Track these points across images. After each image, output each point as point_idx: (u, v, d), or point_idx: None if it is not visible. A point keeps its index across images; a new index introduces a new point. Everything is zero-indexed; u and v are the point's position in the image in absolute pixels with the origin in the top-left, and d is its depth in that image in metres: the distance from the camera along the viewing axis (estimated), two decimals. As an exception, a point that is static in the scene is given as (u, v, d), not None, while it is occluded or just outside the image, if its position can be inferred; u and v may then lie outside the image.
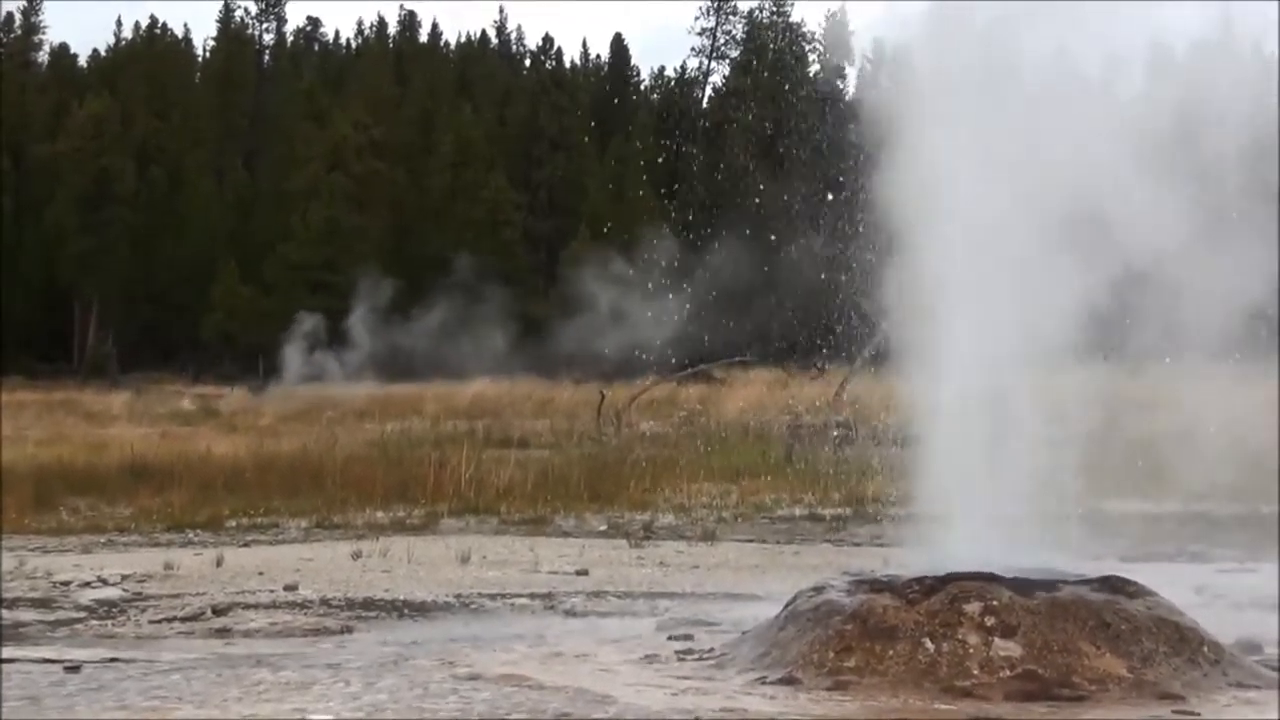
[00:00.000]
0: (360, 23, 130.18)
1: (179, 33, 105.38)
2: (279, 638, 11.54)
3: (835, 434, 28.45)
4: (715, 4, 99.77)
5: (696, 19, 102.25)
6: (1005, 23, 11.01)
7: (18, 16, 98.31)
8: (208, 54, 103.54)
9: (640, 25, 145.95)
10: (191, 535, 18.62)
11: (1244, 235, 11.25)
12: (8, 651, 10.57)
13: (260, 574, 14.94)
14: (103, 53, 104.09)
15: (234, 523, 19.65)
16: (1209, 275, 10.99)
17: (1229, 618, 11.03)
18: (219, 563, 15.59)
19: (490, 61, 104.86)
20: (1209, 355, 12.02)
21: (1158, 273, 10.79)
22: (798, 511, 20.69)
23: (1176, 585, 11.35)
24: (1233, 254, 11.16)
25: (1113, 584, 9.68)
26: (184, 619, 12.23)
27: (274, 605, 12.95)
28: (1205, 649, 9.45)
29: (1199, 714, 8.71)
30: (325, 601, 13.22)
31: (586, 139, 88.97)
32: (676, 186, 68.27)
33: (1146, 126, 10.58)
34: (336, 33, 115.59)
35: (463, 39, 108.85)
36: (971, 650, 9.12)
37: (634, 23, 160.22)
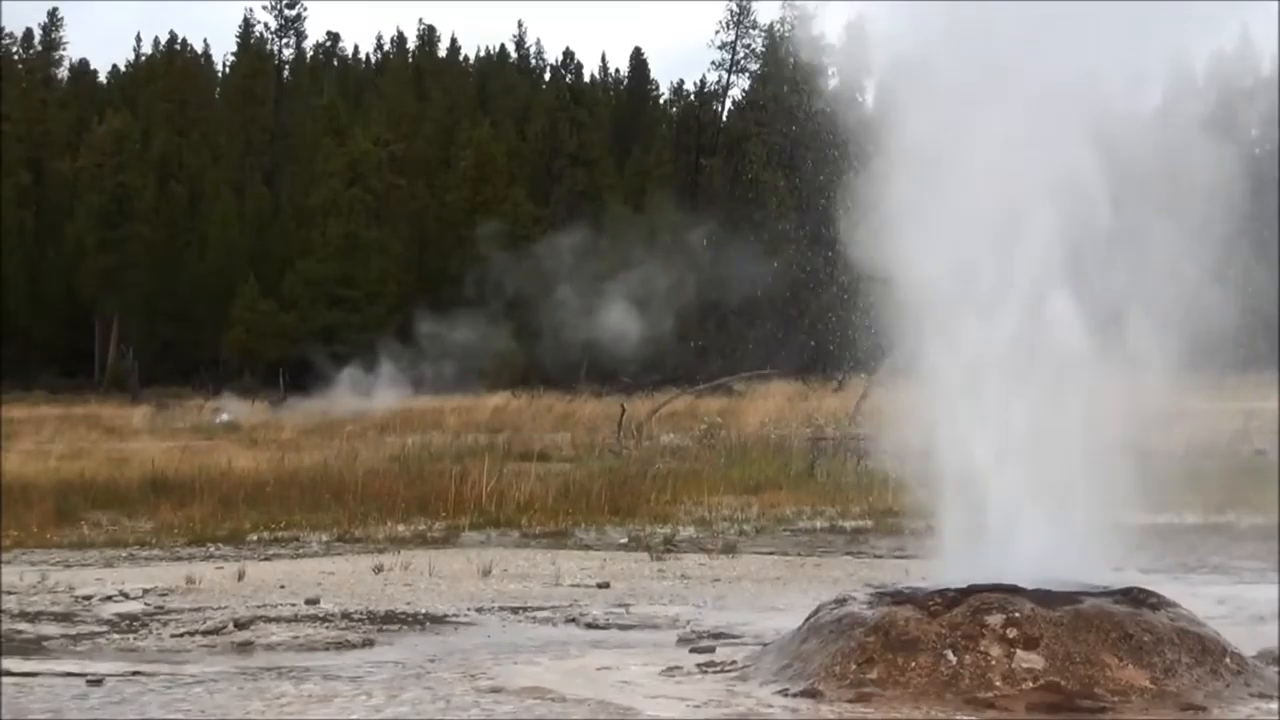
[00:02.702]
0: (380, 38, 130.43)
1: (199, 49, 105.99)
2: (301, 651, 11.55)
3: (856, 446, 28.49)
4: (735, 17, 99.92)
5: (716, 33, 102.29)
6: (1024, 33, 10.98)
7: (38, 32, 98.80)
8: (227, 70, 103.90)
9: (659, 39, 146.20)
10: (213, 549, 18.64)
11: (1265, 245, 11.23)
12: (31, 665, 10.61)
13: (282, 587, 14.96)
14: (123, 69, 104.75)
15: (255, 536, 19.67)
16: (1230, 286, 10.96)
17: (1251, 629, 11.02)
18: (240, 576, 15.60)
19: (509, 76, 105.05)
20: (1227, 366, 12.02)
21: (1177, 283, 10.76)
22: (819, 524, 20.67)
23: (1199, 596, 11.35)
24: (1255, 265, 11.14)
25: (1135, 595, 9.66)
26: (206, 633, 12.23)
27: (296, 619, 12.96)
28: (1228, 660, 9.43)
29: (1222, 725, 8.70)
30: (347, 615, 13.24)
31: (606, 153, 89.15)
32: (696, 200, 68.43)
33: (1168, 138, 10.55)
34: (356, 48, 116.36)
35: (482, 53, 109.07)
36: (994, 662, 9.11)
37: (653, 37, 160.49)
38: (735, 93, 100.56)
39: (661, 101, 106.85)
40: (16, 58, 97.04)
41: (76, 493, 23.08)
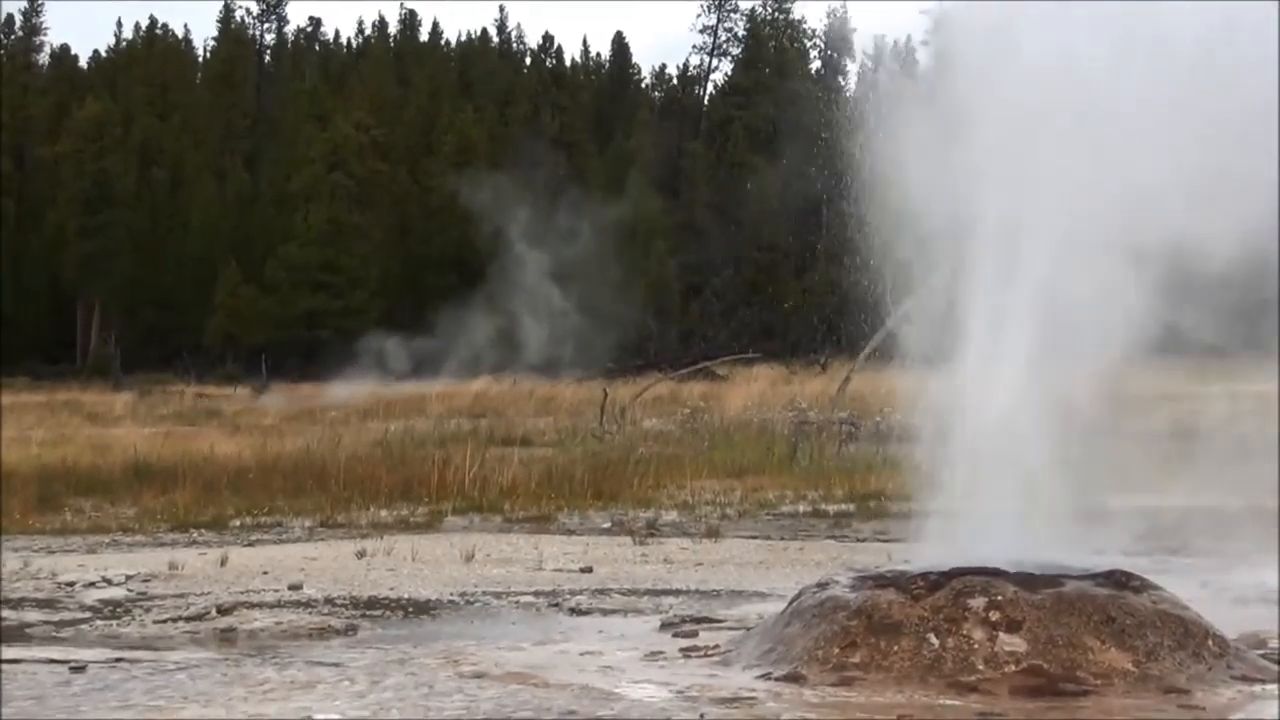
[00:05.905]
0: (361, 22, 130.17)
1: (179, 34, 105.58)
2: (284, 637, 11.54)
3: (838, 429, 28.51)
4: (716, 1, 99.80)
5: (698, 16, 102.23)
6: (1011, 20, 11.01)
7: (18, 18, 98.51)
8: (208, 55, 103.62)
9: (641, 23, 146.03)
10: (196, 535, 18.60)
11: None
12: (13, 652, 10.58)
13: (265, 573, 14.94)
14: (103, 54, 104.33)
15: (238, 522, 19.64)
16: (1216, 266, 10.97)
17: (1233, 612, 11.02)
18: (223, 562, 15.58)
19: (491, 60, 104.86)
20: (1212, 349, 12.03)
21: (1165, 266, 10.77)
22: (801, 508, 20.67)
23: (1181, 579, 11.35)
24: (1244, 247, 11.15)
25: (1117, 578, 9.68)
26: (189, 619, 12.22)
27: (279, 604, 12.95)
28: (1210, 643, 9.46)
29: (1204, 708, 8.72)
30: (330, 600, 13.23)
31: (588, 138, 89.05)
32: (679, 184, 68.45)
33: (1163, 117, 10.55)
34: (337, 33, 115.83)
35: (463, 38, 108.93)
36: (976, 645, 9.12)
37: (635, 21, 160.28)
38: (718, 76, 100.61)
39: (644, 86, 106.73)
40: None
41: (59, 479, 23.02)
